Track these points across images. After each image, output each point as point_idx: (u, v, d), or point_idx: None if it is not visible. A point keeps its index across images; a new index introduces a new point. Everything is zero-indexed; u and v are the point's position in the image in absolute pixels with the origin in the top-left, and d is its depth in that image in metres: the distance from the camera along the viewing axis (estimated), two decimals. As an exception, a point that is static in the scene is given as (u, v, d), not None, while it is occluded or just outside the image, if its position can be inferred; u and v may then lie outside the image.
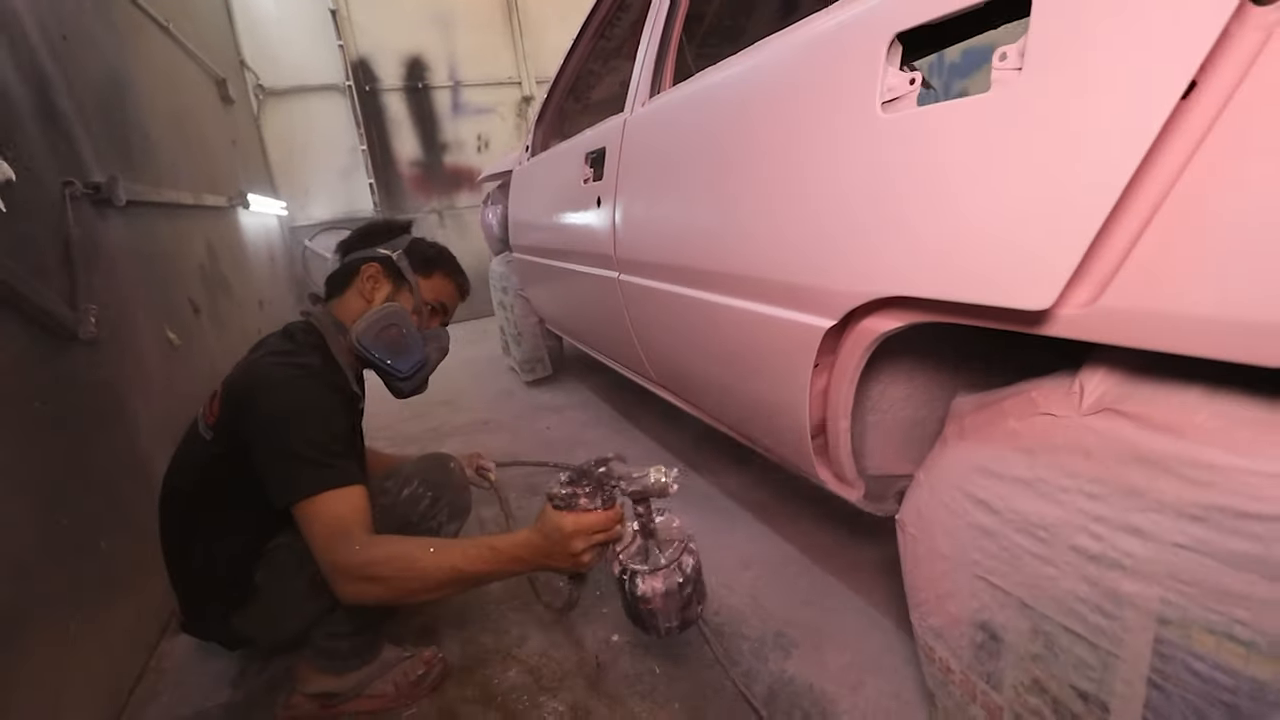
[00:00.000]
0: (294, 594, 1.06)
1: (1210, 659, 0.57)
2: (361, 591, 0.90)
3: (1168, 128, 0.49)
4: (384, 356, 1.14)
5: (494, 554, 0.92)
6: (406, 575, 0.90)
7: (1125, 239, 0.52)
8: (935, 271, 0.67)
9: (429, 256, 1.23)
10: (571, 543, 0.91)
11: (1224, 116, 0.48)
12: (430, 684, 1.18)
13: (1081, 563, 0.66)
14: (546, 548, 0.92)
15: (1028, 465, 0.70)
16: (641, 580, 0.95)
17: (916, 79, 0.69)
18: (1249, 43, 0.46)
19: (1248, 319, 0.48)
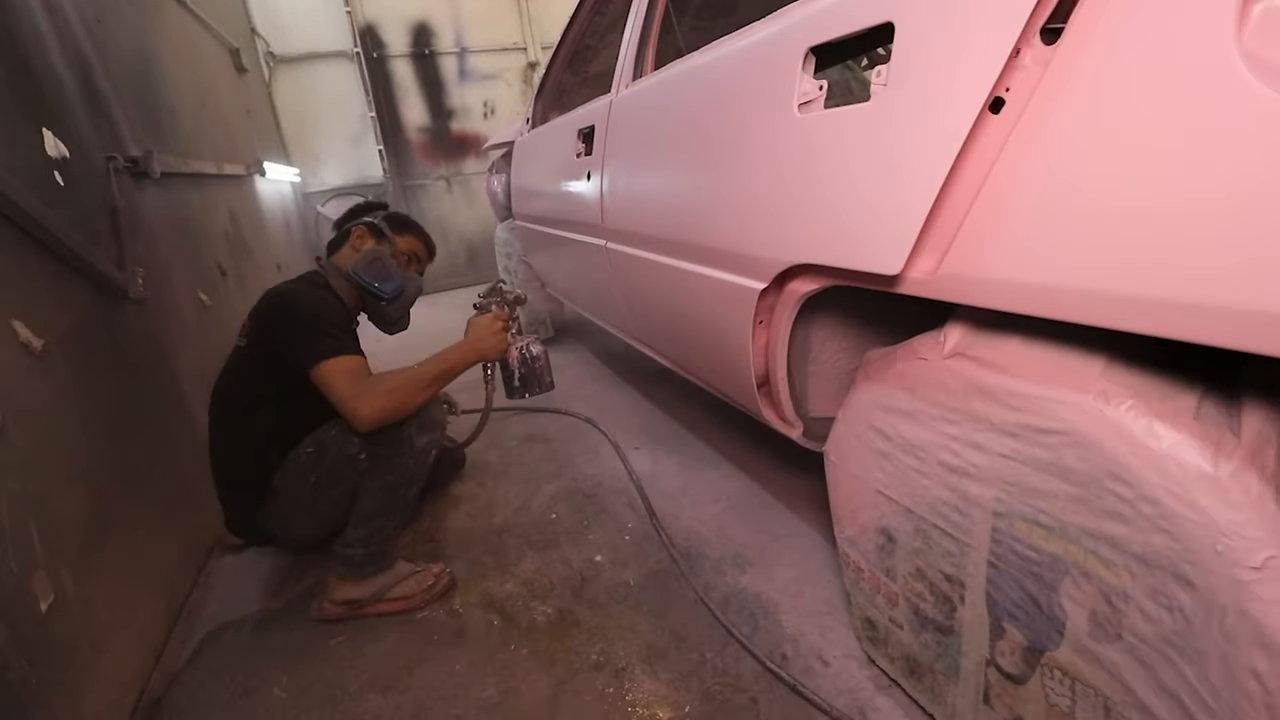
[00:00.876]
0: (304, 496, 1.34)
1: (1025, 541, 0.75)
2: (377, 408, 1.23)
3: (976, 135, 0.65)
4: (371, 280, 1.47)
5: (447, 355, 1.37)
6: (405, 387, 1.27)
7: (954, 221, 0.69)
8: (827, 243, 0.84)
9: (402, 221, 1.61)
10: (493, 324, 1.48)
11: (1018, 127, 0.64)
12: (439, 592, 1.40)
13: (945, 474, 0.84)
14: (476, 336, 1.46)
15: (909, 400, 0.87)
16: (533, 344, 1.60)
17: (824, 86, 0.84)
18: (1034, 72, 0.62)
19: (1038, 283, 0.65)
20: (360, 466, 1.32)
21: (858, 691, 1.06)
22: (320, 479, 1.33)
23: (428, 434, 1.41)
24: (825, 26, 0.82)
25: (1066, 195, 0.61)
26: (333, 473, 1.33)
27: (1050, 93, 0.61)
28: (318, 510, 1.37)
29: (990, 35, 0.63)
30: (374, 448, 1.32)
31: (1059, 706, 0.76)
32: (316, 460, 1.33)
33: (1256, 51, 0.48)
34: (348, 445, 1.32)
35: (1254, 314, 0.49)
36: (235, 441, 1.39)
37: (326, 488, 1.34)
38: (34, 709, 0.96)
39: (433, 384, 1.31)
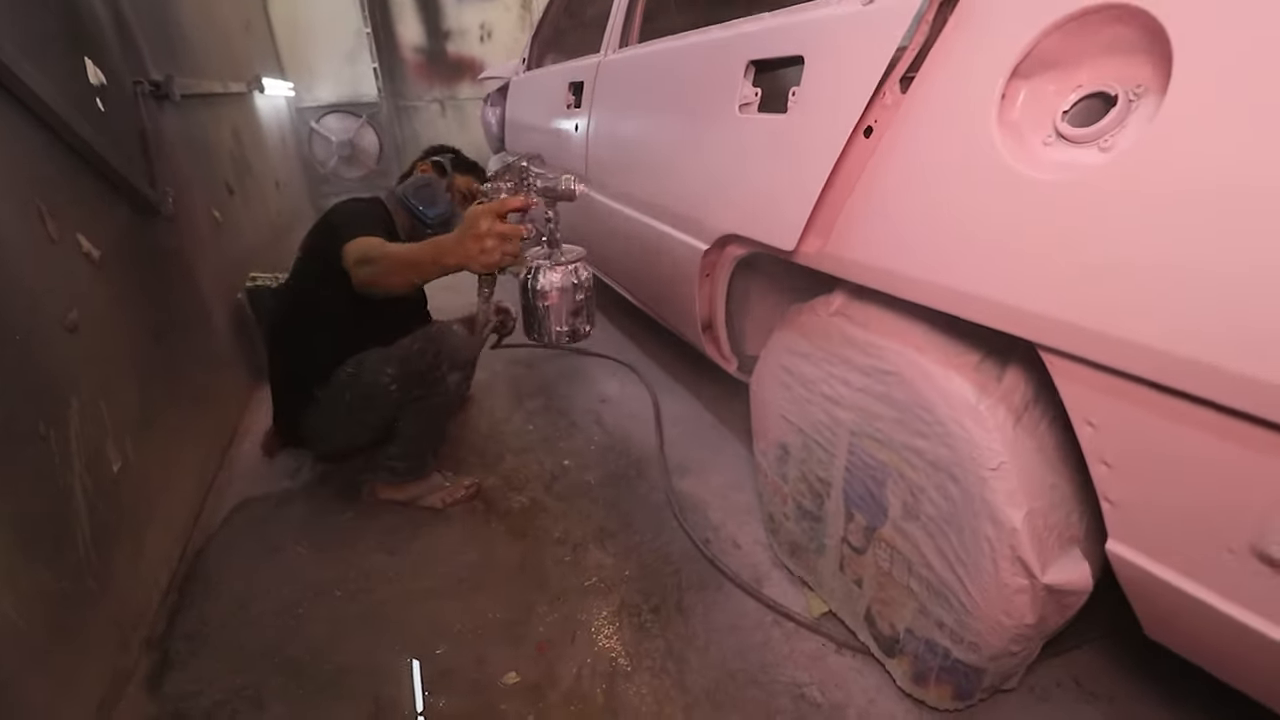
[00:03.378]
0: (339, 410, 1.53)
1: (868, 452, 1.04)
2: (365, 277, 1.24)
3: (851, 151, 0.88)
4: (417, 203, 1.58)
5: (430, 245, 1.11)
6: (385, 258, 1.21)
7: (833, 213, 0.93)
8: (749, 219, 1.08)
9: (467, 163, 1.75)
10: (480, 221, 0.98)
11: (878, 150, 0.87)
12: (467, 498, 1.64)
13: (824, 402, 1.11)
14: (462, 234, 1.01)
15: (806, 344, 1.14)
16: (543, 274, 1.03)
17: (759, 93, 1.06)
18: (892, 110, 0.85)
19: (881, 266, 0.90)
20: (391, 397, 1.46)
21: (759, 567, 1.37)
22: (354, 399, 1.48)
23: (458, 372, 1.55)
24: (760, 46, 1.03)
25: (899, 205, 0.85)
26: (366, 396, 1.48)
27: (897, 127, 0.85)
28: (349, 427, 1.54)
29: (861, 79, 0.86)
30: (406, 383, 1.46)
31: (883, 568, 1.06)
32: (353, 380, 1.48)
33: (1014, 123, 0.72)
34: (381, 374, 1.45)
35: (1002, 305, 0.75)
36: (288, 347, 1.58)
37: (359, 409, 1.49)
38: (116, 545, 1.24)
39: (407, 269, 1.16)
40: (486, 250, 0.99)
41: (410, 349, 1.51)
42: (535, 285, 1.03)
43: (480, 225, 0.98)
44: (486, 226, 0.98)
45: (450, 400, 1.58)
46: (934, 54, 0.80)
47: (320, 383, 1.52)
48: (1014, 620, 0.87)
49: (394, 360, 1.46)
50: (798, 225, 0.96)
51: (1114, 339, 0.64)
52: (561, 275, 1.04)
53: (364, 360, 1.49)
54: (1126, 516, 0.71)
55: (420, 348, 1.50)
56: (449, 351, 1.52)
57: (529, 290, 1.04)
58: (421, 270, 1.13)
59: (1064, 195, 0.67)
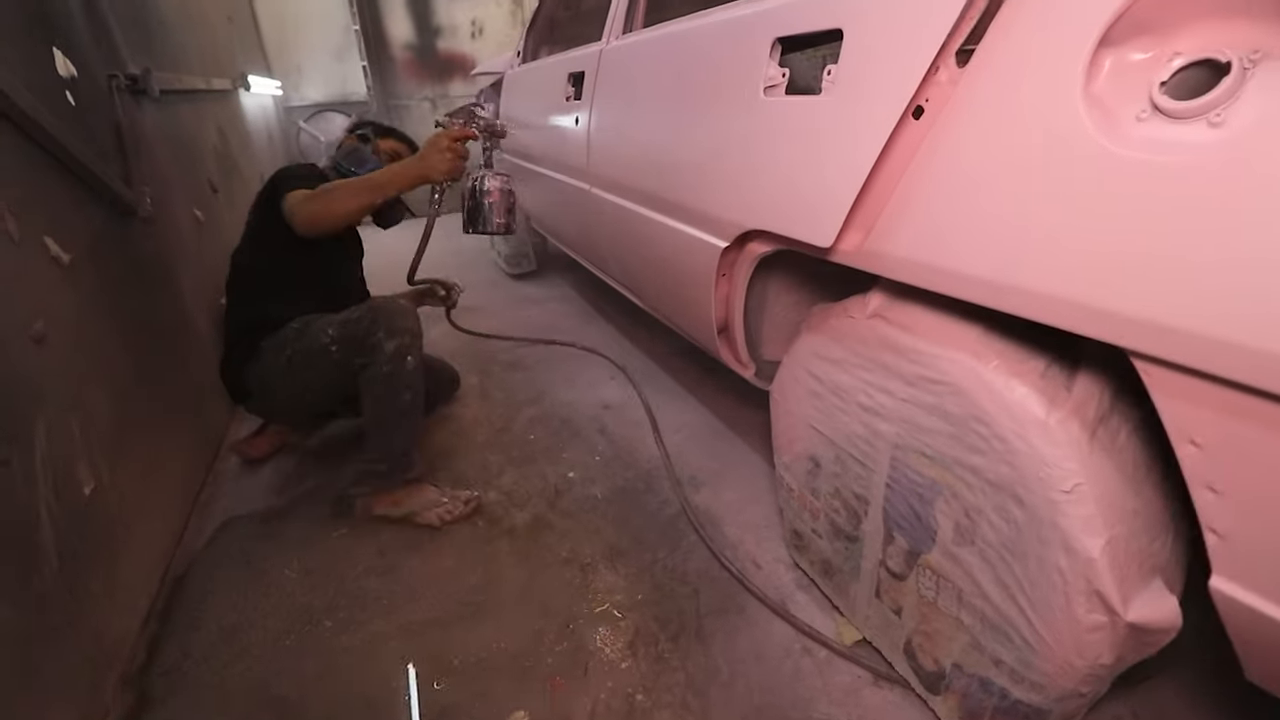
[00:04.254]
0: (279, 365, 1.50)
1: (914, 468, 0.94)
2: (308, 210, 1.41)
3: (899, 136, 0.79)
4: (350, 165, 1.67)
5: (389, 169, 1.45)
6: (334, 189, 1.42)
7: (877, 205, 0.84)
8: (778, 213, 0.99)
9: (385, 128, 1.83)
10: (440, 140, 1.39)
11: (931, 133, 0.78)
12: (467, 514, 1.53)
13: (860, 412, 1.02)
14: (425, 152, 1.41)
15: (838, 350, 1.04)
16: (486, 179, 1.47)
17: (786, 74, 0.97)
18: (948, 89, 0.76)
19: (934, 264, 0.80)
20: (330, 357, 1.45)
21: (783, 588, 1.27)
22: (295, 357, 1.48)
23: (395, 339, 1.43)
24: (789, 21, 0.94)
25: (960, 195, 0.76)
26: (307, 354, 1.47)
27: (954, 107, 0.75)
28: (290, 386, 1.52)
29: (915, 52, 0.76)
30: (346, 347, 1.45)
31: (927, 597, 0.97)
32: (297, 336, 1.49)
33: (1100, 98, 0.63)
34: (321, 334, 1.46)
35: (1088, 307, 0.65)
36: (238, 298, 1.63)
37: (300, 367, 1.49)
38: (88, 573, 1.13)
39: (363, 193, 1.41)
40: (445, 159, 1.40)
41: (350, 315, 1.51)
42: (482, 186, 1.47)
43: (441, 142, 1.40)
44: (446, 143, 1.40)
45: (397, 375, 1.44)
46: (998, 22, 0.71)
47: (267, 336, 1.53)
48: (1087, 660, 0.77)
49: (334, 323, 1.48)
50: (836, 219, 0.87)
51: (1230, 346, 0.55)
52: (500, 181, 1.49)
53: (309, 319, 1.52)
54: (1236, 550, 0.62)
55: (359, 315, 1.49)
56: (385, 317, 1.48)
57: (476, 191, 1.48)
58: (380, 188, 1.41)
59: (1168, 178, 0.57)
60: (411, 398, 1.48)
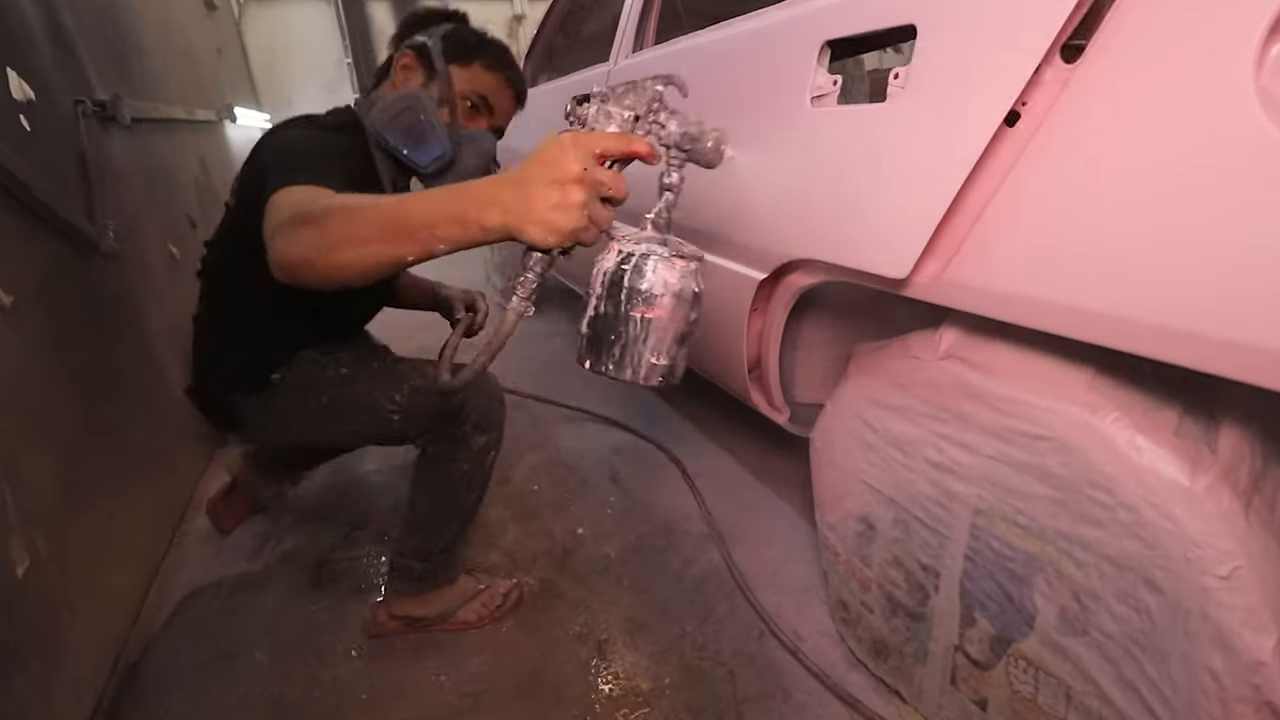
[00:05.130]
0: (306, 409, 1.13)
1: (1002, 538, 0.79)
2: (290, 239, 0.69)
3: (991, 147, 0.66)
4: (399, 144, 1.04)
5: (451, 191, 0.64)
6: (345, 220, 0.67)
7: (962, 229, 0.70)
8: (832, 241, 0.85)
9: (468, 43, 1.08)
10: (565, 163, 0.57)
11: (1032, 142, 0.65)
12: (508, 610, 1.27)
13: (929, 469, 0.87)
14: (532, 174, 0.59)
15: (900, 396, 0.90)
16: (653, 266, 0.62)
17: (839, 81, 0.84)
18: (1053, 89, 0.63)
19: (1037, 296, 0.66)
20: (391, 425, 1.10)
21: (833, 668, 1.10)
22: (334, 405, 1.11)
23: (486, 434, 1.15)
24: (845, 21, 0.81)
25: (1072, 214, 0.62)
26: (352, 408, 1.12)
27: (1066, 110, 0.62)
28: (312, 430, 1.19)
29: (1017, 48, 0.63)
30: (417, 424, 1.11)
31: (1022, 693, 0.81)
32: (339, 384, 1.12)
33: (1272, 91, 0.49)
34: (382, 396, 1.09)
35: (1243, 346, 0.51)
36: (225, 309, 1.20)
37: (335, 419, 1.13)
38: (14, 672, 0.95)
39: (392, 236, 0.64)
40: (568, 207, 0.57)
41: (425, 382, 1.10)
42: (639, 282, 0.62)
43: (569, 165, 0.57)
44: (579, 170, 0.57)
45: (474, 472, 1.17)
46: (1121, 11, 0.58)
47: (280, 367, 1.15)
48: (1256, 789, 0.61)
49: (401, 385, 1.09)
50: (913, 246, 0.73)
51: None
52: (680, 276, 0.63)
53: (370, 366, 1.14)
54: None
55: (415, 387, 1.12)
56: (480, 404, 1.13)
57: (623, 288, 0.62)
58: (421, 236, 0.63)
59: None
60: (476, 500, 1.22)
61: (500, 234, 0.61)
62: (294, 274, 0.70)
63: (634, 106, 0.66)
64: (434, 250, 0.64)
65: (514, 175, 0.61)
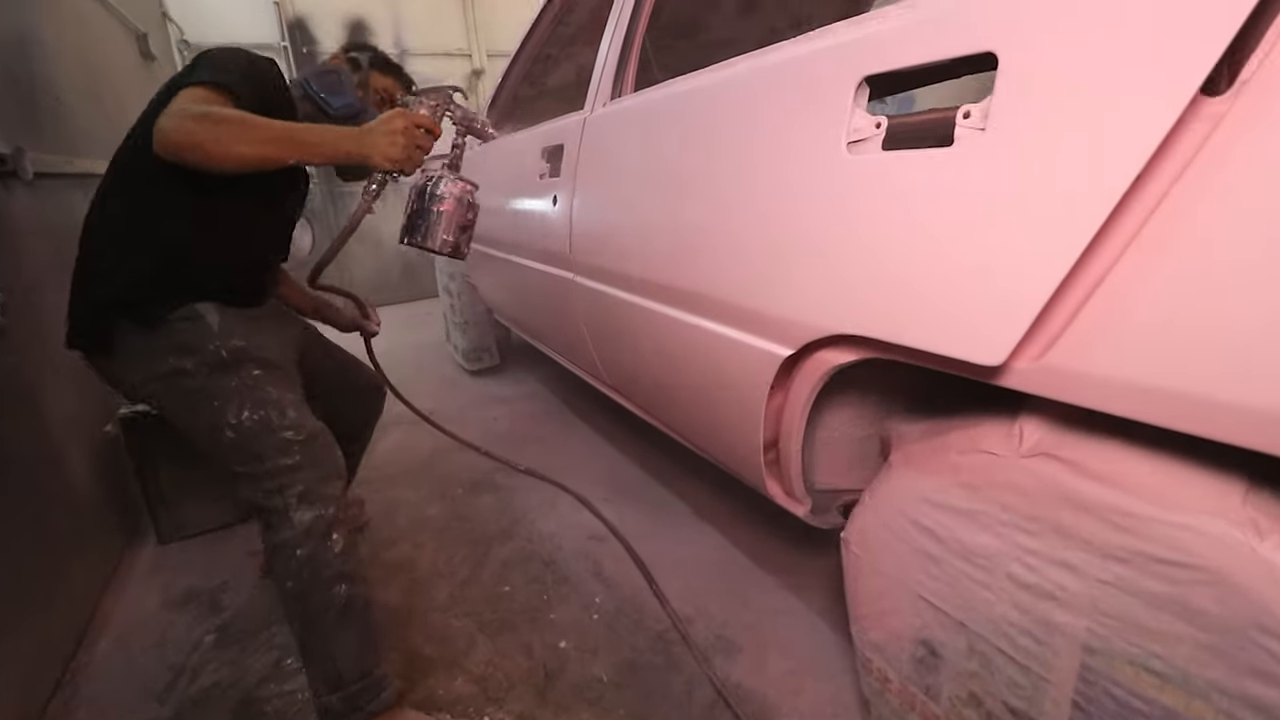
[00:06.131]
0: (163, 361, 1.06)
1: (1128, 687, 0.62)
2: (186, 133, 0.91)
3: (1122, 205, 0.51)
4: (319, 90, 1.24)
5: (322, 128, 1.02)
6: (232, 121, 0.93)
7: (1073, 304, 0.55)
8: (887, 316, 0.69)
9: (388, 63, 1.40)
10: (395, 120, 1.02)
11: (1174, 193, 0.51)
12: None
13: (1016, 591, 0.70)
14: (373, 127, 1.01)
15: (969, 498, 0.73)
16: (445, 182, 1.12)
17: (883, 123, 0.70)
18: (1199, 130, 0.49)
19: (1177, 388, 0.51)
20: (218, 443, 1.03)
21: (882, 823, 0.90)
22: (191, 381, 1.05)
23: (314, 508, 1.00)
24: (891, 52, 0.68)
25: (1229, 285, 0.48)
26: (202, 399, 1.04)
27: (1221, 154, 0.48)
28: (163, 397, 1.09)
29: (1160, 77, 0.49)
30: (244, 483, 1.02)
31: None
32: (218, 369, 1.05)
33: None
34: (234, 412, 1.02)
35: None
36: (128, 216, 1.09)
37: (184, 396, 1.06)
38: None
39: (273, 142, 0.95)
40: (396, 145, 1.02)
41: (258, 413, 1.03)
42: (436, 190, 1.13)
43: (396, 122, 1.03)
44: (403, 125, 1.03)
45: (323, 558, 0.99)
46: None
47: (165, 298, 1.07)
48: None
49: (243, 400, 1.04)
50: (1010, 327, 0.57)
51: None
52: (461, 188, 1.14)
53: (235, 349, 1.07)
54: None
55: (269, 428, 1.03)
56: (305, 464, 1.02)
57: (426, 194, 1.13)
58: (298, 146, 0.97)
59: None
60: (349, 590, 1.02)
61: (357, 159, 1.02)
62: (178, 153, 0.92)
63: (435, 99, 1.16)
64: (308, 160, 1.00)
65: (368, 126, 1.03)
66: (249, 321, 1.13)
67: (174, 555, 1.69)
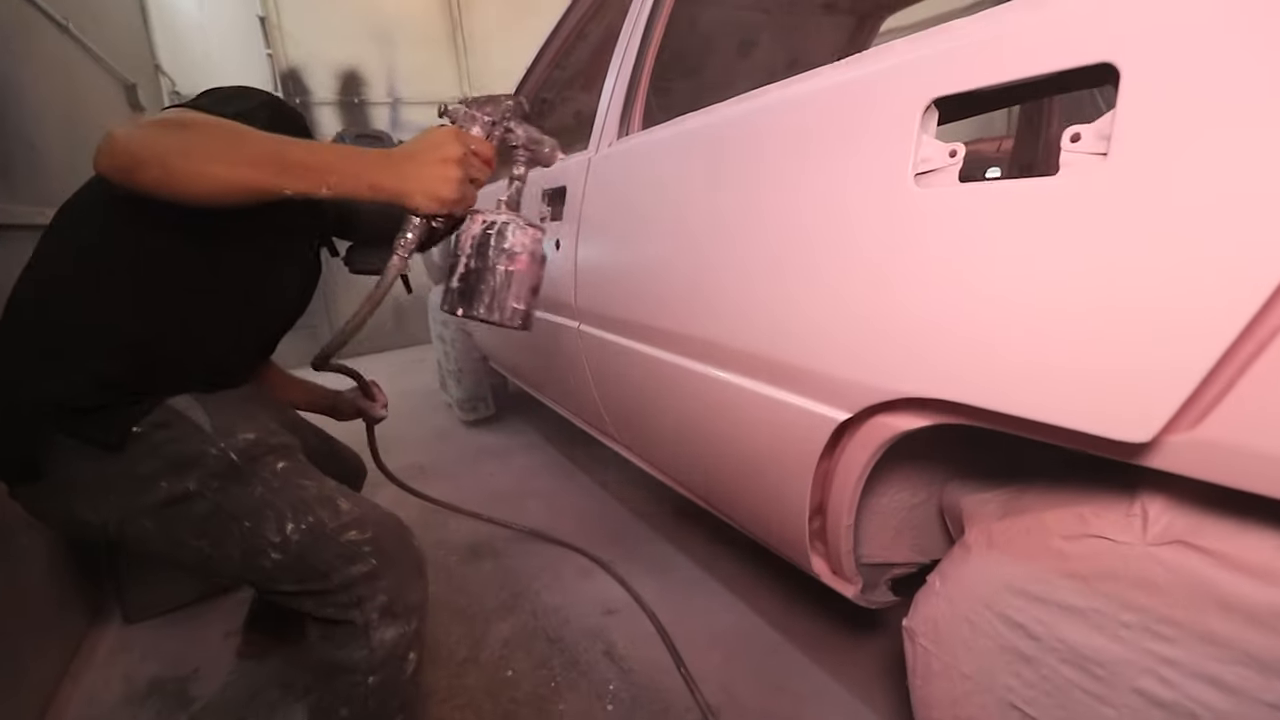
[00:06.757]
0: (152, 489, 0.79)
1: (1314, 843, 0.49)
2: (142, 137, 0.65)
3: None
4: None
5: (348, 149, 0.72)
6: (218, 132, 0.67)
7: (1236, 367, 0.45)
8: (984, 380, 0.58)
9: None
10: (448, 144, 0.73)
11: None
12: None
13: (1147, 708, 0.58)
14: (417, 152, 0.73)
15: (1079, 592, 0.61)
16: (513, 231, 0.82)
17: (958, 151, 0.61)
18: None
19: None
20: (259, 570, 0.80)
21: None
22: (198, 506, 0.80)
23: (397, 625, 0.82)
24: (968, 69, 0.58)
25: None
26: (220, 526, 0.80)
27: None
28: (151, 536, 0.82)
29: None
30: (300, 580, 0.80)
31: None
32: (231, 479, 0.80)
33: None
34: (274, 528, 0.79)
35: None
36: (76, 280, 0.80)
37: (191, 526, 0.80)
38: None
39: (265, 163, 0.67)
40: (448, 180, 0.74)
41: (319, 517, 0.82)
42: (504, 242, 0.82)
43: (449, 147, 0.74)
44: (458, 151, 0.74)
45: (398, 683, 0.84)
46: None
47: (135, 405, 0.80)
48: None
49: (294, 509, 0.81)
50: (1163, 398, 0.46)
51: None
52: (533, 238, 0.85)
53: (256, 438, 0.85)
54: None
55: (337, 536, 0.81)
56: (391, 574, 0.82)
57: (491, 248, 0.82)
58: (303, 173, 0.68)
59: None
60: (397, 707, 0.85)
61: (388, 196, 0.72)
62: (130, 173, 0.65)
63: (492, 114, 0.84)
64: (314, 191, 0.69)
65: (406, 151, 0.74)
66: (241, 403, 0.91)
67: (141, 636, 1.52)
